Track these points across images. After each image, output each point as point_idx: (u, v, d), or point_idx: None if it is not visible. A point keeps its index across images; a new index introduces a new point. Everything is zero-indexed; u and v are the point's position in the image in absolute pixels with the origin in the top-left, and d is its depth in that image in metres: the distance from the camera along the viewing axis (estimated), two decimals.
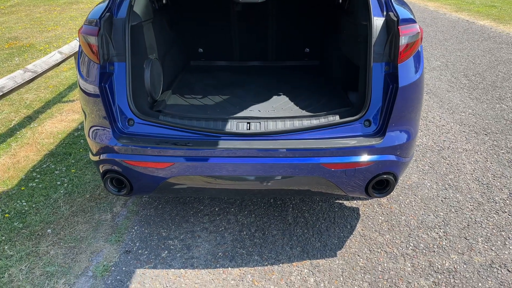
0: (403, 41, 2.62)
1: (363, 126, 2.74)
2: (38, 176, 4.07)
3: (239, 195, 3.46)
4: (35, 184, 3.93)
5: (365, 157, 2.70)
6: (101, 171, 2.88)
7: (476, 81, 6.61)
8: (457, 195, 3.77)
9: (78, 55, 2.93)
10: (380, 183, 2.85)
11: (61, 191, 3.82)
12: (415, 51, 2.73)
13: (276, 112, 3.00)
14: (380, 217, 3.47)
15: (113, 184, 2.90)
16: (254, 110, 3.05)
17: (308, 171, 2.71)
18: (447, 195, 3.78)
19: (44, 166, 4.27)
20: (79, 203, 3.66)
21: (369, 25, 2.74)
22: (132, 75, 2.80)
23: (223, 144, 2.66)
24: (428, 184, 3.94)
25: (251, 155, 2.68)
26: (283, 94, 3.41)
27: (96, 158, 2.88)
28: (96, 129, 2.84)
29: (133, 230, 3.35)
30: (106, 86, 2.70)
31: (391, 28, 2.67)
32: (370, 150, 2.69)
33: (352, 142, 2.67)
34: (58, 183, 3.96)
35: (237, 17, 4.07)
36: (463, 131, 5.03)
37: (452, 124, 5.21)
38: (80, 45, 2.87)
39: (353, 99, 3.23)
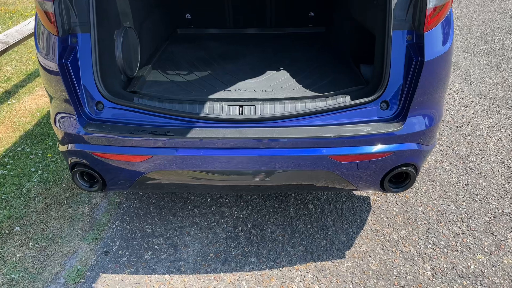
0: (430, 3, 2.11)
1: (379, 108, 2.26)
2: (11, 161, 3.65)
3: (231, 192, 3.03)
4: (6, 171, 3.51)
5: (381, 147, 2.25)
6: (69, 163, 2.45)
7: (495, 47, 6.04)
8: (481, 181, 3.34)
9: (35, 24, 2.44)
10: (398, 176, 2.41)
11: (35, 180, 3.41)
12: (444, 16, 2.22)
13: (275, 92, 2.52)
14: (394, 209, 3.05)
15: (83, 179, 2.48)
16: (248, 89, 2.57)
17: (312, 165, 2.26)
18: (469, 181, 3.35)
19: (19, 149, 3.84)
20: (54, 193, 3.25)
21: None
22: (100, 48, 2.31)
23: (210, 133, 2.20)
24: (447, 167, 3.50)
25: (245, 145, 2.23)
26: (283, 69, 2.91)
27: (63, 149, 2.44)
28: (60, 114, 2.39)
29: (114, 226, 2.95)
30: (68, 63, 2.22)
31: None
32: (388, 138, 2.23)
33: (366, 129, 2.21)
34: (33, 169, 3.53)
35: None
36: (484, 105, 4.54)
37: (471, 96, 4.70)
38: (36, 13, 2.38)
39: (366, 75, 2.74)
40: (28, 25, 4.75)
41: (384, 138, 2.22)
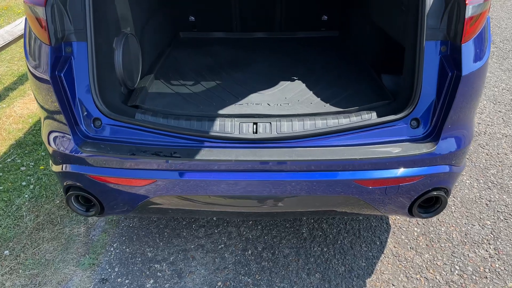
0: (469, 12, 1.88)
1: (409, 127, 2.04)
2: (0, 174, 3.39)
3: (243, 217, 2.80)
4: None
5: (413, 170, 2.02)
6: (62, 185, 2.21)
7: (505, 49, 5.84)
8: (504, 197, 3.13)
9: (24, 29, 2.19)
10: (428, 200, 2.18)
11: (26, 195, 3.16)
12: (482, 25, 1.99)
13: (291, 107, 2.29)
14: (415, 229, 2.83)
15: (79, 202, 2.23)
16: (261, 103, 2.33)
17: (336, 190, 2.03)
18: (492, 196, 3.14)
19: (9, 160, 3.59)
20: (46, 211, 3.00)
21: None
22: (98, 58, 2.07)
23: (221, 154, 1.96)
24: (467, 181, 3.28)
25: (259, 168, 2.00)
26: (298, 79, 2.67)
27: (57, 169, 2.20)
28: (53, 131, 2.14)
29: (112, 249, 2.71)
30: (62, 75, 1.98)
31: None
32: (420, 160, 2.01)
33: (395, 151, 1.98)
34: (24, 183, 3.28)
35: None
36: (499, 111, 4.33)
37: (485, 102, 4.50)
38: (26, 18, 2.13)
39: (389, 86, 2.52)
40: (19, 26, 4.48)
41: (416, 160, 2.00)
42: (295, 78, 2.69)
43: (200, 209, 2.25)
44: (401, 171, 2.01)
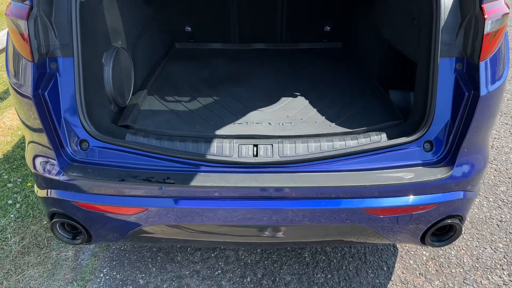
0: (488, 27, 1.73)
1: (422, 150, 1.89)
2: None
3: (242, 246, 2.63)
4: None
5: (426, 198, 1.87)
6: (47, 212, 2.04)
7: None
8: None
9: (6, 43, 2.03)
10: (442, 227, 2.02)
11: (12, 215, 2.98)
12: (500, 41, 1.84)
13: (294, 126, 2.13)
14: (424, 252, 2.67)
15: (64, 229, 2.07)
16: (262, 122, 2.17)
17: (343, 219, 1.88)
18: (503, 216, 2.98)
19: None
20: (33, 233, 2.83)
21: (434, 1, 1.84)
22: (85, 75, 1.91)
23: (219, 180, 1.80)
24: (476, 200, 3.13)
25: (260, 195, 1.84)
26: (300, 95, 2.52)
27: (41, 194, 2.03)
28: (37, 153, 1.98)
29: (102, 275, 2.53)
30: (45, 93, 1.82)
31: (469, 6, 1.78)
32: (434, 187, 1.86)
33: (408, 176, 1.82)
34: (10, 202, 3.11)
35: None
36: (506, 124, 4.20)
37: None
38: (7, 32, 1.97)
39: (398, 102, 2.37)
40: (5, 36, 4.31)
41: (430, 186, 1.85)
42: (297, 93, 2.53)
43: (196, 238, 2.09)
44: (414, 199, 1.85)
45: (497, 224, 2.93)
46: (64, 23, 1.85)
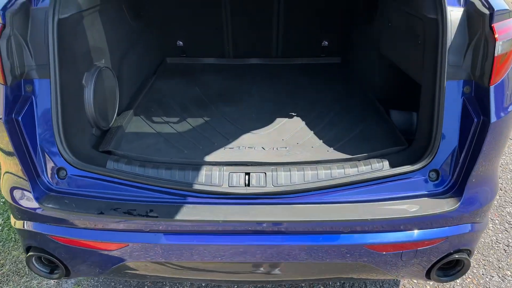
0: (499, 49, 1.60)
1: (427, 179, 1.75)
2: None
3: (234, 284, 2.46)
4: None
5: (432, 232, 1.73)
6: (23, 245, 1.89)
7: None
8: None
9: None
10: (449, 262, 1.88)
11: None
12: (511, 62, 1.71)
13: (289, 151, 1.99)
14: (429, 281, 2.52)
15: (41, 262, 1.91)
16: (255, 146, 2.03)
17: (343, 256, 1.73)
18: (510, 240, 2.84)
19: None
20: (13, 259, 2.67)
21: (440, 20, 1.71)
22: (64, 97, 1.77)
23: (207, 213, 1.66)
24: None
25: (252, 230, 1.70)
26: (297, 115, 2.38)
27: (18, 226, 1.88)
28: (12, 182, 1.83)
29: None
30: (19, 118, 1.68)
31: (478, 25, 1.65)
32: (441, 220, 1.71)
33: (412, 209, 1.68)
34: None
35: None
36: (509, 139, 4.05)
37: None
38: None
39: (399, 123, 2.24)
40: None
41: (436, 220, 1.70)
42: (293, 114, 2.39)
43: (184, 276, 1.93)
44: (419, 233, 1.71)
45: (504, 249, 2.78)
46: (40, 43, 1.71)
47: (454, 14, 1.71)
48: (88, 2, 1.97)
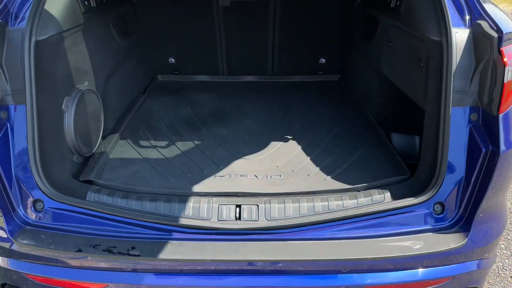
0: (509, 75, 1.49)
1: (432, 213, 1.63)
2: None
3: None
4: None
5: (437, 270, 1.61)
6: None
7: None
8: None
9: None
10: None
11: None
12: None
13: (283, 180, 1.87)
14: None
15: None
16: (247, 174, 1.91)
17: None
18: None
19: None
20: None
21: (444, 42, 1.60)
22: (41, 124, 1.66)
23: (193, 251, 1.53)
24: None
25: (243, 269, 1.57)
26: (292, 138, 2.26)
27: None
28: None
29: None
30: None
31: (485, 49, 1.54)
32: (447, 258, 1.59)
33: (416, 246, 1.56)
34: None
35: (224, 13, 2.86)
36: None
37: None
38: None
39: (400, 147, 2.12)
40: None
41: (442, 257, 1.58)
42: (288, 137, 2.27)
43: None
44: (423, 272, 1.59)
45: (511, 277, 2.65)
46: (16, 66, 1.61)
47: (459, 36, 1.61)
48: (70, 22, 1.86)
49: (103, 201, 1.67)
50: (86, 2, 2.03)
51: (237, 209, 1.65)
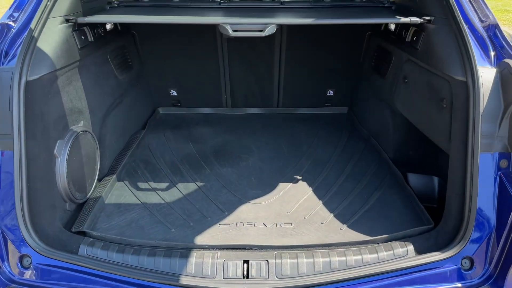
0: None
1: (460, 269, 1.48)
2: None
3: None
4: None
5: None
6: None
7: None
8: None
9: None
10: None
11: None
12: None
13: (295, 229, 1.71)
14: None
15: None
16: (255, 222, 1.75)
17: None
18: None
19: None
20: None
21: (470, 82, 1.48)
22: (30, 171, 1.52)
23: None
24: None
25: None
26: (302, 179, 2.10)
27: None
28: None
29: None
30: None
31: None
32: None
33: None
34: None
35: (228, 45, 2.74)
36: None
37: None
38: None
39: (419, 188, 1.98)
40: None
41: None
42: (298, 177, 2.12)
43: None
44: None
45: None
46: (4, 109, 1.48)
47: (486, 75, 1.49)
48: (65, 59, 1.73)
49: (97, 256, 1.51)
50: (83, 37, 1.90)
51: (245, 265, 1.49)
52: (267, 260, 1.50)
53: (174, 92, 2.93)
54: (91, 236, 1.63)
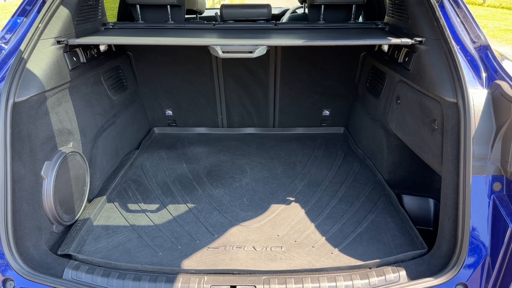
0: None
1: None
2: None
3: None
4: None
5: None
6: None
7: None
8: None
9: None
10: None
11: None
12: None
13: (285, 253, 1.67)
14: None
15: None
16: (244, 246, 1.72)
17: None
18: None
19: None
20: None
21: (461, 104, 1.46)
22: (16, 193, 1.50)
23: None
24: None
25: None
26: (294, 201, 2.07)
27: None
28: None
29: None
30: None
31: (506, 112, 1.39)
32: None
33: None
34: None
35: (223, 65, 2.75)
36: None
37: None
38: None
39: (414, 211, 1.94)
40: None
41: None
42: (291, 199, 2.09)
43: None
44: None
45: None
46: None
47: (477, 97, 1.47)
48: (54, 80, 1.73)
49: (81, 280, 1.48)
50: (74, 58, 1.91)
51: None
52: (254, 286, 1.46)
53: (170, 112, 2.93)
54: (77, 259, 1.59)
